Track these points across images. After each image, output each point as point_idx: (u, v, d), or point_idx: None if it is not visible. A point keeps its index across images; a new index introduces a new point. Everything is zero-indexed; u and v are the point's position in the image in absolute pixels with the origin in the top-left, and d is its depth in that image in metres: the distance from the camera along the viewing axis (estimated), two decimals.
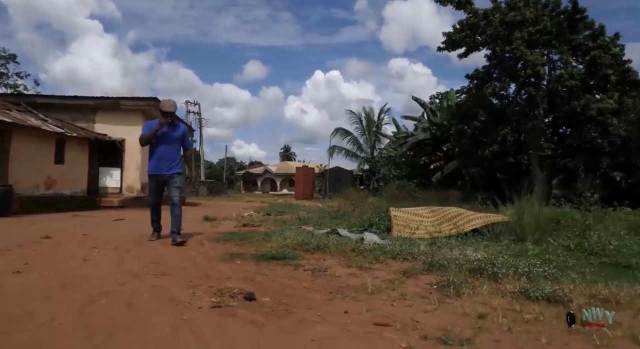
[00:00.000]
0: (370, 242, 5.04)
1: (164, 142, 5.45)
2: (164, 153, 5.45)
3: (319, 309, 2.71)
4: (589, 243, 4.61)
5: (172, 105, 5.51)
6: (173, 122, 5.58)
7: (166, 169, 5.45)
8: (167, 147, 5.47)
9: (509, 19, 15.48)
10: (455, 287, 3.20)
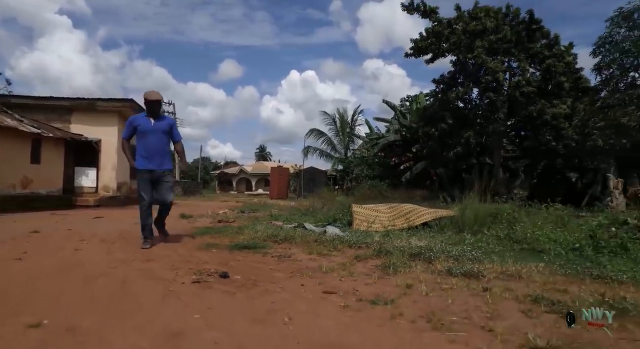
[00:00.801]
0: (332, 234, 5.71)
1: (152, 135, 5.08)
2: (154, 147, 5.09)
3: (280, 284, 3.36)
4: (515, 233, 5.42)
5: (158, 94, 5.19)
6: (159, 112, 5.23)
7: (158, 165, 5.09)
8: (156, 141, 5.10)
9: (471, 29, 16.46)
10: (394, 267, 3.89)
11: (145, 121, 5.15)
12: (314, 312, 2.66)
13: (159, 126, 5.17)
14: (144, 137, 5.10)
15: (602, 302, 2.76)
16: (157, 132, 5.12)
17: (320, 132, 35.19)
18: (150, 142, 5.09)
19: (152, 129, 5.11)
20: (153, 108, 5.15)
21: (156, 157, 5.09)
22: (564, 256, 4.44)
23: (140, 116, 5.27)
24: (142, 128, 5.11)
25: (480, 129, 18.74)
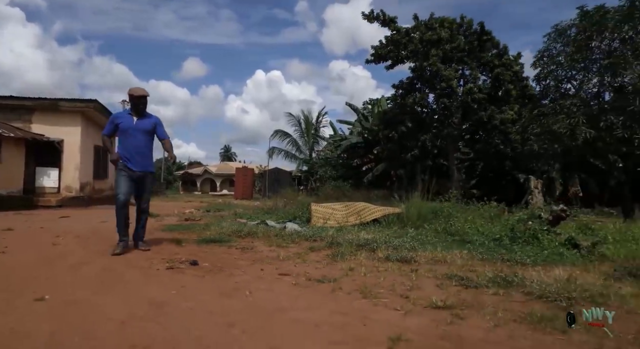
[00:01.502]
0: (291, 229, 6.33)
1: (134, 134, 4.79)
2: (138, 146, 4.79)
3: (243, 269, 3.95)
4: (450, 227, 6.22)
5: (143, 90, 4.89)
6: (144, 109, 4.92)
7: (141, 166, 4.78)
8: (138, 140, 4.80)
9: (427, 38, 17.46)
10: (342, 255, 4.56)
11: (127, 118, 4.85)
12: (270, 288, 3.28)
13: (142, 124, 4.84)
14: (125, 136, 4.79)
15: (495, 276, 3.52)
16: (139, 131, 4.80)
17: (285, 133, 35.69)
18: (130, 142, 4.77)
19: (134, 128, 4.79)
20: (137, 105, 4.84)
21: (136, 158, 4.76)
22: (486, 245, 5.24)
23: (123, 112, 5.02)
24: (124, 126, 4.80)
25: (437, 132, 19.83)
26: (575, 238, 5.07)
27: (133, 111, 4.88)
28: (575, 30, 12.46)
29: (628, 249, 5.02)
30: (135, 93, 4.82)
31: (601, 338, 2.28)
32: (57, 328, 2.28)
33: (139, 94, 4.83)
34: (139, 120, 4.86)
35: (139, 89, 4.89)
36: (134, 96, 4.82)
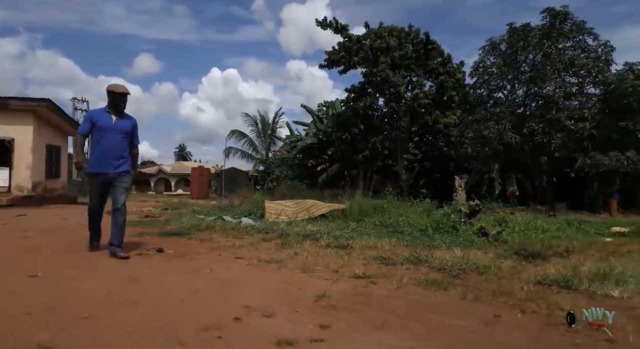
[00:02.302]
0: (246, 224, 7.02)
1: (111, 134, 4.49)
2: (111, 148, 4.49)
3: (203, 255, 4.62)
4: (387, 220, 7.14)
5: (124, 87, 4.65)
6: (124, 108, 4.63)
7: (113, 167, 4.48)
8: (115, 141, 4.51)
9: (377, 46, 18.56)
10: (289, 243, 5.31)
11: (106, 116, 4.52)
12: (227, 267, 3.99)
13: (121, 124, 4.55)
14: (102, 135, 4.49)
15: (410, 256, 4.39)
16: (118, 132, 4.52)
17: (242, 133, 36.00)
18: (108, 142, 4.48)
19: (113, 127, 4.50)
20: (118, 103, 4.55)
21: (111, 160, 4.49)
22: (413, 234, 6.16)
23: (100, 110, 4.63)
24: (101, 124, 4.49)
25: (386, 135, 20.99)
26: (485, 228, 6.09)
27: (111, 109, 4.55)
28: (505, 45, 13.86)
29: (525, 236, 6.10)
30: (117, 90, 4.55)
31: (467, 291, 3.17)
32: (54, 295, 2.89)
33: (120, 91, 4.56)
34: (118, 119, 4.55)
35: (120, 86, 4.63)
36: (115, 93, 4.53)
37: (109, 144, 4.51)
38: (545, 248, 4.98)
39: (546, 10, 12.77)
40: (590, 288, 3.23)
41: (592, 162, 12.26)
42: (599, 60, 12.57)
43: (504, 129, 12.36)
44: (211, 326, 2.29)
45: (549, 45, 12.49)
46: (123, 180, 4.61)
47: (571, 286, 3.29)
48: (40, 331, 2.13)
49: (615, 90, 12.09)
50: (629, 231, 7.52)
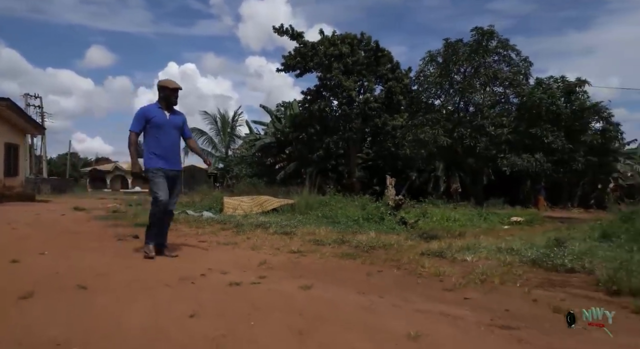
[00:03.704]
0: (207, 217, 8.11)
1: (169, 130, 4.49)
2: (170, 144, 4.50)
3: (172, 240, 5.71)
4: (328, 213, 8.44)
5: (176, 82, 4.62)
6: (176, 103, 4.63)
7: (174, 164, 4.55)
8: (172, 137, 4.53)
9: (330, 53, 19.89)
10: (243, 231, 6.48)
11: (160, 112, 4.47)
12: (192, 249, 5.12)
13: (175, 120, 4.55)
14: (159, 132, 4.42)
15: (337, 238, 5.67)
16: (172, 127, 4.52)
17: (201, 131, 36.40)
18: (165, 139, 4.45)
19: (169, 123, 4.48)
20: (170, 98, 4.53)
21: (172, 156, 4.51)
22: (348, 223, 7.48)
23: (153, 106, 4.53)
24: (158, 121, 4.42)
25: (341, 135, 22.39)
26: (404, 218, 7.49)
27: (163, 105, 4.51)
28: (441, 58, 15.53)
29: (437, 224, 7.55)
30: (170, 85, 4.51)
31: (368, 259, 4.47)
32: (62, 268, 3.94)
33: (174, 86, 4.53)
34: (171, 115, 4.54)
35: (172, 81, 4.60)
36: (169, 89, 4.50)
37: (168, 140, 4.48)
38: (444, 232, 6.41)
39: (475, 29, 14.59)
40: (454, 256, 4.60)
41: (508, 163, 14.16)
42: (519, 73, 14.47)
43: (437, 133, 14.02)
44: (186, 278, 3.45)
45: (477, 59, 14.25)
46: (180, 180, 4.73)
47: (442, 255, 4.65)
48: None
49: (528, 101, 14.04)
50: (523, 220, 9.20)
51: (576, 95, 14.36)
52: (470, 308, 2.86)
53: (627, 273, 3.37)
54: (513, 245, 5.11)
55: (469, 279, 3.60)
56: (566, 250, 4.58)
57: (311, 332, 2.24)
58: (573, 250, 4.60)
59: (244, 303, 2.78)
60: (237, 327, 2.29)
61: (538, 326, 2.51)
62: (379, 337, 2.21)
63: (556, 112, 13.66)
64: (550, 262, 4.16)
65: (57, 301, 2.70)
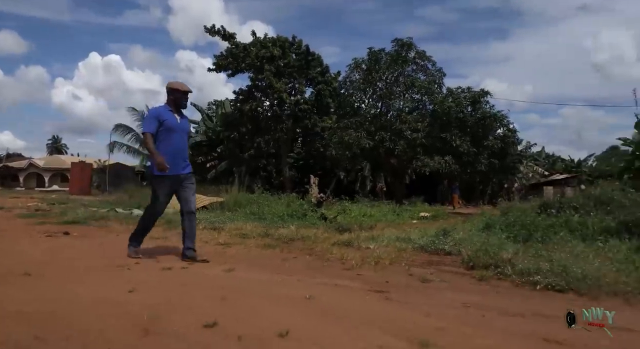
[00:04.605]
0: (137, 214, 8.36)
1: (179, 134, 4.40)
2: (180, 148, 4.42)
3: (104, 236, 6.05)
4: (256, 210, 9.05)
5: (187, 85, 4.56)
6: (186, 107, 4.60)
7: (182, 168, 4.44)
8: (182, 141, 4.47)
9: (262, 55, 20.39)
10: (175, 227, 6.90)
11: (170, 115, 4.36)
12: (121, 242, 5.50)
13: (184, 124, 4.53)
14: (170, 135, 4.32)
15: (262, 232, 6.30)
16: (183, 131, 4.51)
17: (128, 127, 35.19)
18: (176, 142, 4.37)
19: (179, 127, 4.41)
20: (182, 102, 4.47)
21: (181, 160, 4.44)
22: (273, 219, 8.13)
23: (163, 108, 4.42)
24: (169, 124, 4.32)
25: (272, 135, 22.94)
26: (325, 214, 8.28)
27: (174, 108, 4.42)
28: (365, 65, 16.68)
29: (355, 219, 8.43)
30: (182, 88, 4.44)
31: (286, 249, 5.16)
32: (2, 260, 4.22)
33: (185, 89, 4.47)
34: (181, 119, 4.48)
35: (183, 84, 4.55)
36: (181, 91, 4.43)
37: (177, 144, 4.39)
38: (357, 226, 7.27)
39: (395, 40, 15.92)
40: (360, 244, 5.41)
41: (421, 165, 15.66)
42: (434, 82, 16.00)
43: (361, 136, 15.11)
44: (122, 265, 3.91)
45: (397, 68, 15.54)
46: (192, 181, 4.63)
47: (350, 244, 5.45)
48: None
49: (439, 109, 15.63)
50: (430, 215, 10.41)
51: (480, 104, 16.24)
52: (359, 281, 3.64)
53: (483, 252, 4.35)
54: (410, 235, 6.06)
55: (366, 261, 4.40)
56: (449, 238, 5.57)
57: (231, 299, 2.87)
58: (455, 238, 5.61)
59: (176, 281, 3.35)
60: (170, 297, 2.86)
61: (404, 290, 3.34)
62: (282, 300, 2.89)
63: (463, 119, 15.38)
64: (434, 247, 5.12)
65: (10, 286, 3.10)
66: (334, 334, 2.26)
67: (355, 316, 2.57)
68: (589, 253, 4.63)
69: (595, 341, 2.26)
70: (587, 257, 4.36)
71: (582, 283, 3.44)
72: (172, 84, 4.49)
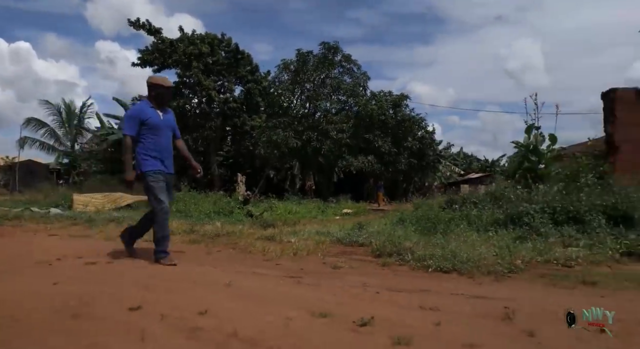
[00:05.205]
0: (54, 213, 8.12)
1: (164, 131, 4.17)
2: (166, 145, 4.20)
3: (20, 234, 5.89)
4: (182, 208, 9.13)
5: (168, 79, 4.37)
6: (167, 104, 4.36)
7: (171, 167, 4.26)
8: (168, 139, 4.23)
9: (189, 51, 20.10)
10: (96, 225, 6.85)
11: (153, 112, 4.12)
12: (44, 239, 5.46)
13: (168, 119, 4.26)
14: (155, 133, 4.09)
15: (187, 229, 6.47)
16: (168, 128, 4.24)
17: (41, 121, 32.76)
18: (162, 140, 4.13)
19: (163, 124, 4.16)
20: (165, 97, 4.25)
21: (168, 159, 4.21)
22: (200, 217, 8.29)
23: (144, 105, 4.20)
24: (153, 122, 4.08)
25: (201, 133, 22.67)
26: (251, 211, 8.57)
27: (155, 104, 4.17)
28: (294, 66, 17.14)
29: (281, 216, 8.80)
30: (165, 84, 4.22)
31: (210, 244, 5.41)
32: None
33: (168, 84, 4.28)
34: (164, 114, 4.22)
35: (166, 79, 4.34)
36: (164, 87, 4.20)
37: (164, 141, 4.19)
38: (282, 222, 7.66)
39: (322, 43, 16.58)
40: (282, 238, 5.79)
41: (346, 164, 16.48)
42: (359, 85, 16.84)
43: (288, 136, 15.54)
44: (42, 261, 3.97)
45: (324, 70, 16.17)
46: (172, 183, 4.40)
47: (273, 239, 5.82)
48: None
49: (363, 111, 16.55)
50: (352, 212, 11.08)
51: (401, 108, 17.37)
52: (277, 269, 4.02)
53: (389, 242, 4.92)
54: (330, 229, 6.55)
55: (285, 253, 4.80)
56: (363, 231, 6.13)
57: (155, 287, 3.11)
58: (369, 231, 6.18)
59: (101, 274, 3.51)
60: (95, 287, 3.05)
61: (316, 275, 3.78)
62: (204, 286, 3.19)
63: (385, 121, 16.37)
64: (349, 240, 5.63)
65: None
66: (248, 311, 2.61)
67: (269, 296, 2.94)
68: (480, 241, 5.37)
69: (459, 306, 2.81)
70: (476, 245, 5.08)
71: (466, 265, 4.08)
72: (153, 79, 4.26)
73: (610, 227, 5.55)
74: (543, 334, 2.28)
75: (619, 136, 8.44)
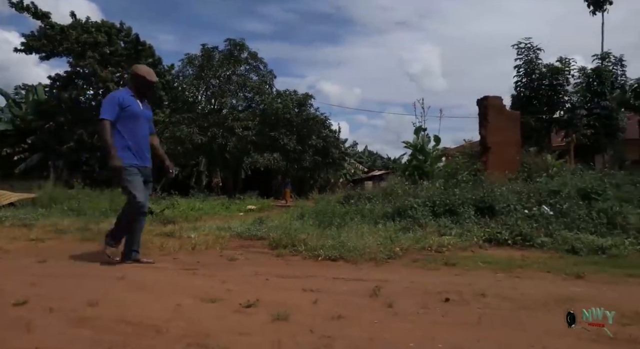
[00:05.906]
0: None
1: (142, 122, 4.01)
2: (144, 138, 4.03)
3: None
4: (74, 206, 8.67)
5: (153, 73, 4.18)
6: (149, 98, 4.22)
7: (148, 161, 4.09)
8: (145, 131, 4.05)
9: (83, 39, 18.73)
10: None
11: (134, 101, 3.94)
12: None
13: (147, 112, 4.11)
14: (134, 123, 3.90)
15: (80, 227, 6.23)
16: (146, 120, 4.09)
17: None
18: (139, 132, 3.95)
19: (142, 115, 4.01)
20: (146, 91, 4.10)
21: (145, 152, 4.03)
22: (94, 215, 7.95)
23: (124, 93, 4.00)
24: (133, 110, 3.90)
25: (96, 127, 21.22)
26: (151, 208, 8.39)
27: (136, 94, 3.98)
28: (198, 61, 16.87)
29: (183, 213, 8.75)
30: (149, 77, 4.02)
31: None
32: None
33: (153, 80, 4.10)
34: (143, 106, 4.06)
35: (151, 72, 4.13)
36: (148, 80, 4.01)
37: (141, 133, 4.00)
38: (183, 219, 7.65)
39: (228, 40, 16.52)
40: (181, 234, 5.85)
41: (252, 161, 16.68)
42: (265, 83, 17.07)
43: (193, 132, 15.28)
44: None
45: (229, 67, 16.13)
46: (151, 178, 4.21)
47: (172, 235, 5.85)
48: None
49: (269, 109, 16.87)
50: (256, 208, 11.31)
51: (306, 107, 17.93)
52: (174, 263, 4.15)
53: (285, 235, 5.26)
54: (231, 225, 6.72)
55: (184, 247, 4.92)
56: (263, 226, 6.41)
57: (43, 283, 3.10)
58: (268, 225, 6.47)
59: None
60: None
61: (212, 267, 3.98)
62: (95, 280, 3.25)
63: (290, 120, 16.80)
64: (249, 234, 5.87)
65: None
66: (139, 300, 2.75)
67: (163, 287, 3.10)
68: (369, 233, 5.92)
69: (337, 287, 3.21)
70: (365, 236, 5.60)
71: (351, 253, 4.54)
72: (138, 69, 4.09)
73: (477, 217, 6.42)
74: (399, 306, 2.74)
75: (490, 138, 9.63)
